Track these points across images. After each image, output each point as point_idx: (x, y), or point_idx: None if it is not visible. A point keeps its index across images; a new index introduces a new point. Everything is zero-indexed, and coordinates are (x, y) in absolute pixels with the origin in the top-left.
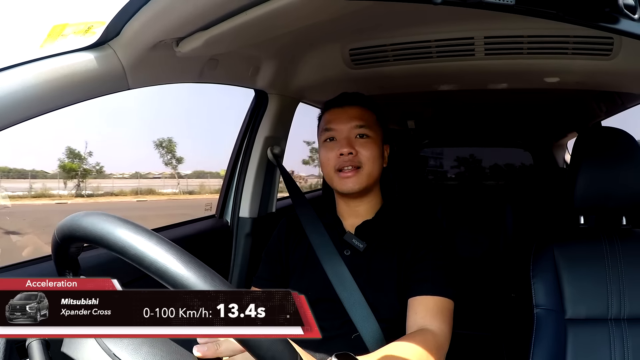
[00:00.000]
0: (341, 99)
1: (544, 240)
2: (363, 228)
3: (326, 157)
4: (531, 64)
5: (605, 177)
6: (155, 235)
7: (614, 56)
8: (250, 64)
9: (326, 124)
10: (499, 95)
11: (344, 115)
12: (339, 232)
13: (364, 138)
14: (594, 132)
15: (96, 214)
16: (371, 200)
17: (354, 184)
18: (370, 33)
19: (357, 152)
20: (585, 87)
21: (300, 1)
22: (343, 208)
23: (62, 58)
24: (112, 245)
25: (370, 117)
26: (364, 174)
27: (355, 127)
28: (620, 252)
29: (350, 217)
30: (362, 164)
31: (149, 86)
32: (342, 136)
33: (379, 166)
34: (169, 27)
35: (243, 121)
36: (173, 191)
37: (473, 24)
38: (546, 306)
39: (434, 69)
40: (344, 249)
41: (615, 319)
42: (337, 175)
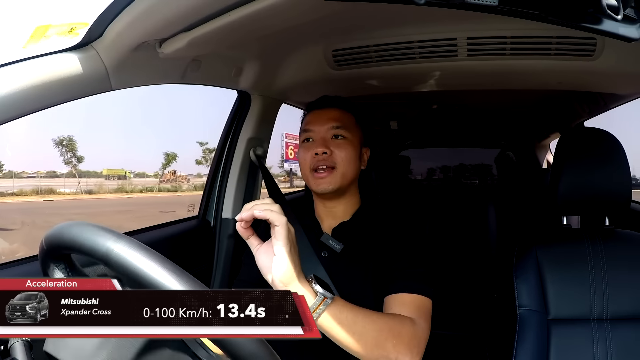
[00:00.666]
0: (321, 101)
1: (527, 241)
2: (340, 229)
3: (303, 157)
4: (514, 64)
5: (588, 178)
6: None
7: (597, 57)
8: (233, 65)
9: (305, 125)
10: (481, 95)
11: (322, 116)
12: (317, 233)
13: (340, 139)
14: (577, 132)
15: (82, 224)
16: (348, 202)
17: (328, 184)
18: (353, 34)
19: (331, 152)
20: (568, 88)
21: (282, 3)
22: (321, 209)
23: (45, 59)
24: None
25: (348, 119)
26: (338, 174)
27: (332, 128)
28: (603, 252)
29: (327, 219)
30: (337, 164)
31: (131, 87)
32: (318, 136)
33: (355, 167)
34: (152, 29)
35: (226, 122)
36: (72, 191)
37: (456, 24)
38: (529, 307)
39: (416, 69)
40: (321, 251)
41: (598, 319)
42: (312, 175)
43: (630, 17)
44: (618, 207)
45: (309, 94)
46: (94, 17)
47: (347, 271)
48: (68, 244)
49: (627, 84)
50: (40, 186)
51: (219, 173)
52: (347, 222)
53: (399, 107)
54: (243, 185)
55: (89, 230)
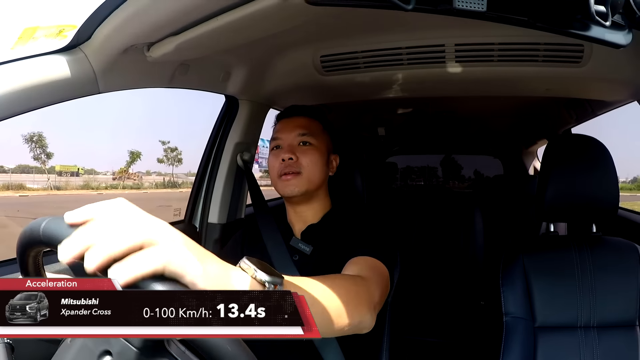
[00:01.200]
0: (289, 110)
1: (514, 248)
2: (308, 232)
3: (272, 163)
4: (502, 71)
5: (575, 185)
6: None
7: (584, 63)
8: (221, 70)
9: (275, 133)
10: (469, 102)
11: (289, 124)
12: (287, 238)
13: (307, 145)
14: (564, 139)
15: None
16: (317, 206)
17: (294, 187)
18: (341, 40)
19: (297, 158)
20: (556, 95)
21: (271, 8)
22: (291, 214)
23: (33, 61)
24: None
25: (315, 127)
26: (304, 179)
27: (298, 135)
28: (590, 259)
29: (298, 223)
30: (302, 169)
31: (119, 90)
32: (285, 143)
33: (322, 172)
34: (140, 32)
35: (213, 126)
36: (43, 186)
37: (444, 31)
38: (515, 314)
39: (404, 76)
40: (292, 254)
41: (585, 327)
42: (279, 179)
43: (618, 24)
44: (605, 214)
45: (297, 100)
46: (82, 19)
47: (318, 272)
48: (44, 239)
49: (614, 91)
50: (11, 181)
51: (205, 177)
52: (315, 225)
53: (386, 113)
54: (230, 190)
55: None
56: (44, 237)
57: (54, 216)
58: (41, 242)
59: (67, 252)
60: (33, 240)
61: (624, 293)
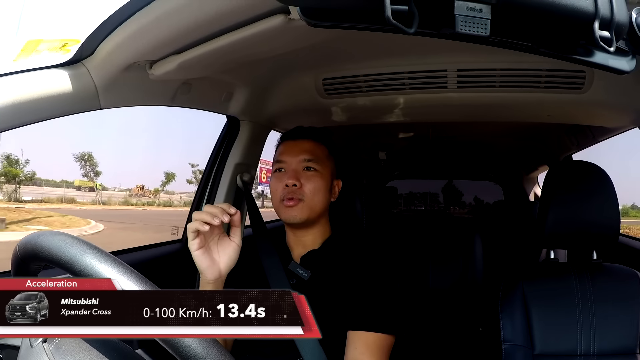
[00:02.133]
0: (295, 132)
1: (513, 275)
2: (308, 258)
3: (275, 187)
4: (504, 97)
5: (576, 211)
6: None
7: (586, 90)
8: (223, 90)
9: (278, 155)
10: (470, 127)
11: (295, 148)
12: (286, 261)
13: (311, 171)
14: (565, 165)
15: (63, 236)
16: (317, 232)
17: (297, 214)
18: (343, 63)
19: (301, 185)
20: (557, 121)
21: (273, 29)
22: (291, 238)
23: (35, 74)
24: (76, 271)
25: (321, 151)
26: (306, 206)
27: (304, 160)
28: (591, 286)
29: (297, 247)
30: (305, 197)
31: (121, 107)
32: (290, 168)
33: (324, 200)
34: (143, 49)
35: (214, 146)
36: (89, 201)
37: (446, 56)
38: (514, 341)
39: (406, 100)
40: (290, 278)
41: (585, 355)
42: (282, 205)
43: (622, 50)
44: (606, 241)
45: (298, 122)
46: (85, 34)
47: (314, 299)
48: (45, 255)
49: (615, 117)
50: (65, 195)
51: (204, 197)
52: (315, 251)
53: (387, 137)
54: None
55: (70, 242)
56: (44, 253)
57: (43, 231)
58: (40, 257)
59: None
60: (33, 256)
61: (624, 321)
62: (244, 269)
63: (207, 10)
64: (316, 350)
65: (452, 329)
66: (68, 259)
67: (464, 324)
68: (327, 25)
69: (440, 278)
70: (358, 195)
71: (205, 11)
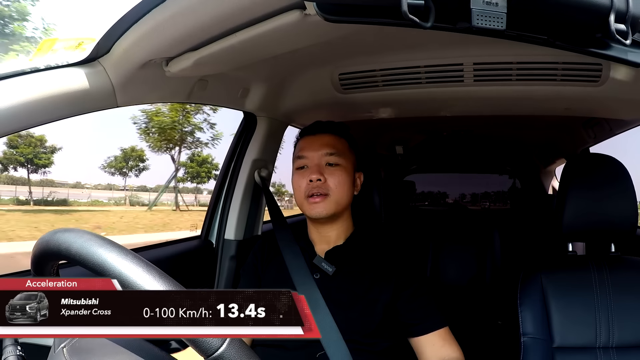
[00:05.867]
0: (314, 127)
1: (532, 267)
2: (333, 253)
3: (298, 183)
4: (520, 90)
5: (594, 204)
6: (138, 258)
7: (602, 82)
8: (239, 86)
9: (299, 151)
10: (487, 121)
11: (316, 143)
12: (310, 256)
13: (334, 166)
14: (582, 158)
15: (82, 233)
16: (341, 226)
17: (322, 209)
18: (360, 58)
19: (325, 180)
20: (575, 114)
21: (289, 25)
22: (314, 233)
23: (52, 73)
24: (93, 266)
25: (342, 145)
26: (332, 201)
27: (326, 154)
28: (609, 279)
29: (321, 243)
30: (330, 192)
31: (137, 104)
32: (313, 163)
33: (348, 193)
34: (159, 47)
35: (231, 143)
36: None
37: (462, 50)
38: (533, 334)
39: (423, 94)
40: (313, 273)
41: (603, 347)
42: (306, 201)
43: (638, 42)
44: (624, 234)
45: (315, 117)
46: (101, 33)
47: (338, 293)
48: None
49: (632, 109)
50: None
51: (222, 194)
52: (340, 247)
53: (404, 132)
54: (247, 207)
55: (88, 239)
56: (64, 251)
57: (65, 228)
58: (60, 255)
59: None
60: (51, 253)
61: None
62: (266, 264)
63: (223, 6)
64: (338, 345)
65: (471, 323)
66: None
67: (483, 318)
68: (343, 21)
69: (458, 272)
70: (376, 189)
71: (221, 8)
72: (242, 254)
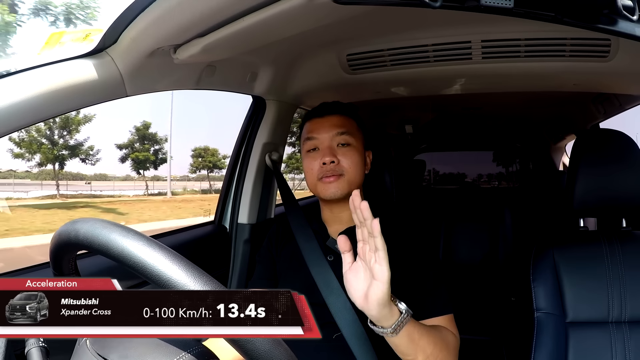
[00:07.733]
0: (321, 108)
1: (544, 243)
2: (347, 234)
3: (309, 166)
4: (529, 66)
5: (604, 179)
6: (155, 243)
7: (611, 58)
8: (247, 70)
9: (308, 133)
10: (496, 98)
11: (325, 124)
12: (323, 237)
13: (346, 147)
14: (592, 134)
15: (98, 221)
16: None
17: (336, 189)
18: (367, 38)
19: (338, 161)
20: (583, 90)
21: (296, 8)
22: (327, 215)
23: (61, 65)
24: (112, 253)
25: (351, 125)
26: (346, 181)
27: (337, 134)
28: (621, 254)
29: (334, 224)
30: (344, 172)
31: (146, 93)
32: (324, 145)
33: (361, 173)
34: (166, 34)
35: (241, 127)
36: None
37: (470, 27)
38: (547, 310)
39: (431, 73)
40: (327, 255)
41: (616, 322)
42: (320, 182)
43: None
44: (635, 209)
45: (323, 98)
46: (108, 23)
47: None
48: (83, 242)
49: None
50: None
51: (234, 178)
52: (354, 227)
53: (413, 111)
54: (259, 191)
55: (106, 227)
56: (84, 240)
57: (86, 218)
58: (79, 244)
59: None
60: (71, 243)
61: None
62: (280, 246)
63: None
64: (355, 325)
65: (485, 300)
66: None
67: (496, 294)
68: (352, 2)
69: (471, 251)
70: (387, 169)
71: None
72: (256, 237)
